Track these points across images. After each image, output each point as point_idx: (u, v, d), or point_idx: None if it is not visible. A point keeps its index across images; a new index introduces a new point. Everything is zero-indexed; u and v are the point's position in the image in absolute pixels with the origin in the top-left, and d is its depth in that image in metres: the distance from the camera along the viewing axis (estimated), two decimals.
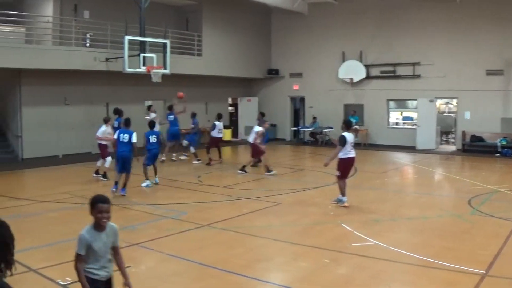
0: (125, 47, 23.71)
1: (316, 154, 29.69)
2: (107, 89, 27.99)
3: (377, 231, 12.23)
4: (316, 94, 35.34)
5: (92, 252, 5.94)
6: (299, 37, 36.12)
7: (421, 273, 9.37)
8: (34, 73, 24.37)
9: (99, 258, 5.99)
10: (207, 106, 34.10)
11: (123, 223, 13.04)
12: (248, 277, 9.13)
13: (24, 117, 24.81)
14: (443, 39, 30.12)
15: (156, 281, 8.97)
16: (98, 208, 5.95)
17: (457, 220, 13.74)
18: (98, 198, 6.05)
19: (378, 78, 33.02)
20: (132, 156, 16.51)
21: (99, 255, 5.98)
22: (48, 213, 14.36)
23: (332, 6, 33.80)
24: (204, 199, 15.60)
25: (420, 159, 26.56)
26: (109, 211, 6.01)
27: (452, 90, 30.13)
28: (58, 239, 11.37)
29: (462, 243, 11.30)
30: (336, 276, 9.26)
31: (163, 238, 11.61)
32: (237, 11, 34.17)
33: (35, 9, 26.29)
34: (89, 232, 6.00)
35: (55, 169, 22.75)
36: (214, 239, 11.73)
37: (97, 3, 27.74)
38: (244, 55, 35.26)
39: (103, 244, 6.01)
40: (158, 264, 9.99)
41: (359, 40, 33.13)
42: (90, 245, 5.91)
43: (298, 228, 12.96)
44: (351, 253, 10.44)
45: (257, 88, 38.62)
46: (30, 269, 9.23)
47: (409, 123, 33.51)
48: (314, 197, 16.78)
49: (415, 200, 16.76)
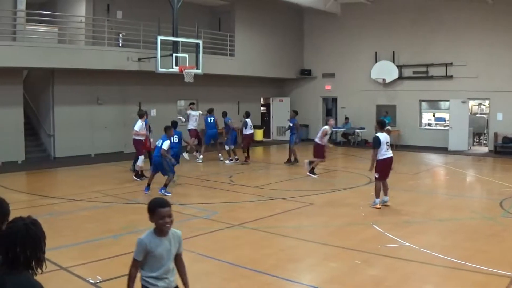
0: (157, 47, 23.83)
1: (348, 154, 29.61)
2: (139, 88, 28.14)
3: (408, 233, 12.15)
4: (349, 94, 35.19)
5: (152, 259, 5.52)
6: (331, 37, 35.99)
7: (452, 275, 9.29)
8: (67, 72, 24.57)
9: (160, 266, 5.54)
10: (239, 106, 34.11)
11: None
12: (279, 277, 9.12)
13: (57, 117, 25.04)
14: (476, 40, 29.83)
15: None
16: (159, 213, 5.51)
17: (488, 222, 13.61)
18: (157, 202, 5.64)
19: (410, 78, 32.78)
20: (162, 161, 16.53)
21: (160, 262, 5.54)
22: (80, 212, 14.47)
23: (365, 6, 33.65)
24: (235, 199, 15.61)
25: (452, 160, 26.35)
26: (171, 215, 5.56)
27: (484, 91, 29.80)
28: (90, 238, 11.47)
29: (493, 245, 11.18)
30: (366, 277, 9.21)
31: (194, 237, 11.62)
32: (270, 11, 34.13)
33: (68, 9, 26.53)
34: (150, 238, 5.55)
35: (87, 168, 22.91)
36: (245, 239, 11.73)
37: (129, 3, 27.94)
38: (277, 55, 35.18)
39: (165, 251, 5.57)
40: (189, 264, 9.92)
41: (392, 41, 32.94)
42: (150, 251, 5.48)
43: (329, 229, 12.91)
44: (382, 254, 10.37)
45: (289, 88, 38.56)
46: (61, 267, 9.29)
47: (442, 124, 33.23)
48: (346, 198, 16.71)
49: (447, 202, 16.61)
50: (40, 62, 22.57)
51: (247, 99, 34.79)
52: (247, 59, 32.55)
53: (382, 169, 14.93)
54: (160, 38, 24.00)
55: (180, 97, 30.75)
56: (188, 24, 26.81)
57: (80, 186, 18.39)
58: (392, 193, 15.22)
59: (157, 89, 28.79)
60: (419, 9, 31.70)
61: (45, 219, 7.87)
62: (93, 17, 26.27)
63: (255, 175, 21.75)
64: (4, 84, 22.84)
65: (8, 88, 23.15)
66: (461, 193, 18.30)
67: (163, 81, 27.92)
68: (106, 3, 27.13)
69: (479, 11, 29.59)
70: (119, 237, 11.56)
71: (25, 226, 3.75)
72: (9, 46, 21.53)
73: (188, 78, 24.86)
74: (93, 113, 26.24)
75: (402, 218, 13.81)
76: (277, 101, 37.38)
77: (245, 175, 21.44)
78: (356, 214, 14.23)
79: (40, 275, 3.79)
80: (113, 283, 8.73)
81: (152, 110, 27.44)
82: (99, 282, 8.67)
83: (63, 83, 25.10)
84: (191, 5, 29.73)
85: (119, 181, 19.53)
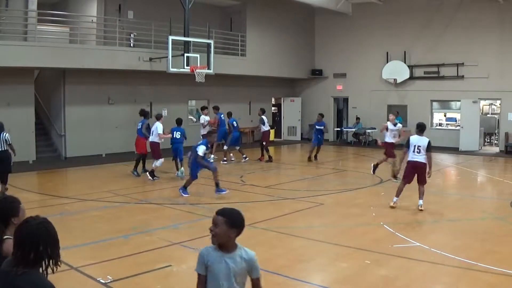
0: (169, 47, 23.82)
1: (359, 155, 29.58)
2: (150, 88, 28.20)
3: (419, 233, 12.15)
4: (360, 94, 35.14)
5: (211, 276, 4.79)
6: (343, 37, 35.91)
7: (463, 276, 9.28)
8: (78, 72, 24.63)
9: (219, 286, 4.75)
10: (250, 106, 34.12)
11: (166, 222, 13.18)
12: (289, 277, 9.13)
13: (68, 116, 25.07)
14: (487, 40, 29.71)
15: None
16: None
17: (499, 222, 13.59)
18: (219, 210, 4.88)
19: (421, 78, 32.70)
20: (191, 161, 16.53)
21: (217, 282, 4.75)
22: (91, 212, 14.50)
23: (376, 6, 33.58)
24: (246, 199, 15.61)
25: (463, 160, 26.28)
26: (217, 223, 4.75)
27: (495, 91, 29.68)
28: (100, 238, 11.50)
29: (504, 246, 11.14)
30: (377, 277, 9.20)
31: (205, 237, 11.56)
32: (281, 12, 34.10)
33: (79, 9, 26.58)
34: (210, 250, 4.85)
35: (98, 168, 22.96)
36: (256, 239, 11.71)
37: (141, 3, 27.99)
38: (288, 56, 35.14)
39: (225, 268, 4.76)
40: None
41: (403, 41, 32.85)
42: (207, 265, 4.78)
43: (339, 229, 12.91)
44: (392, 254, 10.36)
45: (300, 88, 38.53)
46: (72, 267, 9.31)
47: (453, 124, 33.14)
48: (357, 198, 16.71)
49: (458, 202, 16.58)
50: (52, 62, 22.62)
51: (258, 99, 34.75)
52: (259, 59, 32.51)
53: (406, 171, 15.07)
54: (172, 38, 23.97)
55: (191, 97, 30.78)
56: (199, 24, 26.79)
57: (90, 186, 18.44)
58: (402, 193, 15.14)
59: (168, 89, 28.84)
60: (430, 9, 31.60)
61: (56, 219, 7.87)
62: (104, 17, 26.33)
63: (266, 175, 21.76)
64: (16, 83, 22.93)
65: (19, 88, 23.24)
66: (472, 193, 18.26)
67: (174, 81, 27.95)
68: (117, 3, 27.18)
69: (491, 11, 29.49)
70: (129, 237, 11.59)
71: (43, 225, 3.78)
72: (20, 46, 21.59)
73: (199, 78, 24.84)
74: (104, 113, 26.28)
75: (413, 218, 13.81)
76: (288, 101, 37.35)
77: (256, 175, 21.44)
78: (367, 214, 14.23)
79: (51, 275, 3.81)
80: (124, 283, 8.76)
81: (163, 110, 27.46)
82: (110, 282, 8.69)
83: (74, 83, 25.16)
84: (203, 5, 29.73)
85: (129, 181, 19.57)
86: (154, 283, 8.78)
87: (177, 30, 24.80)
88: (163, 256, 10.23)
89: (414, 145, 14.72)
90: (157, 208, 15.04)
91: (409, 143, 14.73)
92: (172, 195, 16.83)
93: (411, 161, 14.77)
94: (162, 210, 14.72)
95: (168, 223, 12.96)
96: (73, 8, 26.39)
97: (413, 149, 14.70)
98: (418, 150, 14.67)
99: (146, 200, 15.87)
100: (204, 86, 27.08)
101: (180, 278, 9.23)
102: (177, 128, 20.45)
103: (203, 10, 29.80)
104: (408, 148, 14.72)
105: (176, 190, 16.86)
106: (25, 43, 21.99)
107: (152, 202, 15.54)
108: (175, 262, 9.83)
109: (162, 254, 10.40)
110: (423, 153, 14.67)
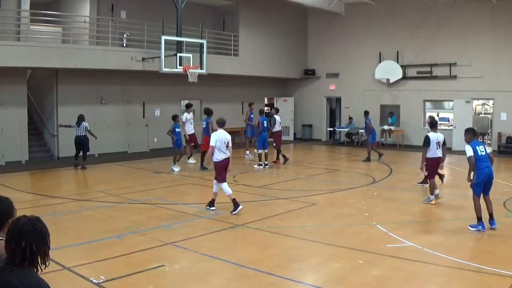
0: (161, 47, 23.80)
1: (352, 154, 29.59)
2: (143, 88, 28.19)
3: (412, 233, 12.16)
4: (352, 94, 35.15)
5: None
6: (335, 37, 35.93)
7: (455, 275, 9.29)
8: (71, 72, 24.60)
9: None
10: (243, 106, 34.09)
11: (158, 222, 13.17)
12: (282, 278, 9.12)
13: (60, 116, 24.94)
14: (480, 40, 29.76)
15: (190, 281, 9.00)
16: None
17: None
18: None
19: (414, 78, 32.74)
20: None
21: None
22: (84, 212, 14.50)
23: (369, 6, 33.61)
24: (238, 199, 15.59)
25: (456, 160, 26.25)
26: None
27: (488, 91, 29.74)
28: (93, 238, 11.49)
29: (496, 246, 11.18)
30: (369, 277, 9.21)
31: (198, 237, 11.65)
32: (274, 12, 34.10)
33: (72, 9, 26.55)
34: None
35: (91, 168, 22.86)
36: (248, 239, 11.75)
37: (134, 3, 27.98)
38: (281, 55, 35.14)
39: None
40: (192, 264, 10.02)
41: (396, 41, 32.89)
42: None
43: (332, 229, 12.91)
44: (385, 254, 10.37)
45: (293, 88, 38.51)
46: (64, 267, 9.32)
47: (445, 124, 33.17)
48: (349, 198, 16.72)
49: (450, 202, 16.56)
50: (44, 62, 22.59)
51: (251, 99, 34.59)
52: (251, 59, 32.53)
53: (430, 167, 15.43)
54: (164, 38, 23.95)
55: (184, 97, 30.73)
56: (192, 24, 26.77)
57: (83, 186, 18.47)
58: (394, 193, 15.21)
59: (161, 89, 28.82)
60: (423, 9, 31.65)
61: (48, 219, 7.87)
62: (97, 17, 26.30)
63: (258, 175, 21.73)
64: (8, 83, 22.90)
65: (12, 88, 23.22)
66: (465, 193, 18.23)
67: (167, 81, 27.96)
68: (110, 3, 27.15)
69: (484, 11, 29.54)
70: (122, 237, 11.58)
71: (30, 221, 3.81)
72: (13, 46, 21.57)
73: (192, 78, 24.81)
74: (96, 113, 26.19)
75: (405, 218, 13.82)
76: (281, 101, 37.30)
77: (249, 175, 21.42)
78: (360, 214, 14.25)
79: (44, 275, 3.82)
80: (117, 282, 8.76)
81: (156, 110, 27.43)
82: (103, 282, 8.69)
83: (67, 83, 25.12)
84: (195, 5, 29.72)
85: (122, 181, 19.59)
86: (146, 283, 8.77)
87: (170, 30, 24.80)
88: (155, 256, 10.23)
89: (436, 142, 15.30)
90: (150, 208, 15.03)
91: (429, 140, 15.16)
92: (165, 195, 16.82)
93: (436, 157, 15.38)
94: (154, 210, 14.71)
95: (161, 223, 12.95)
96: (65, 8, 26.37)
97: (436, 146, 15.27)
98: (438, 145, 15.32)
99: (139, 200, 15.85)
100: (197, 86, 27.08)
101: (173, 278, 9.25)
102: (177, 125, 22.39)
103: (196, 10, 29.78)
104: (428, 146, 15.11)
105: (171, 191, 16.90)
106: (18, 43, 21.95)
107: (145, 202, 15.53)
108: (167, 262, 9.83)
109: (154, 254, 10.39)
110: (440, 148, 15.39)
